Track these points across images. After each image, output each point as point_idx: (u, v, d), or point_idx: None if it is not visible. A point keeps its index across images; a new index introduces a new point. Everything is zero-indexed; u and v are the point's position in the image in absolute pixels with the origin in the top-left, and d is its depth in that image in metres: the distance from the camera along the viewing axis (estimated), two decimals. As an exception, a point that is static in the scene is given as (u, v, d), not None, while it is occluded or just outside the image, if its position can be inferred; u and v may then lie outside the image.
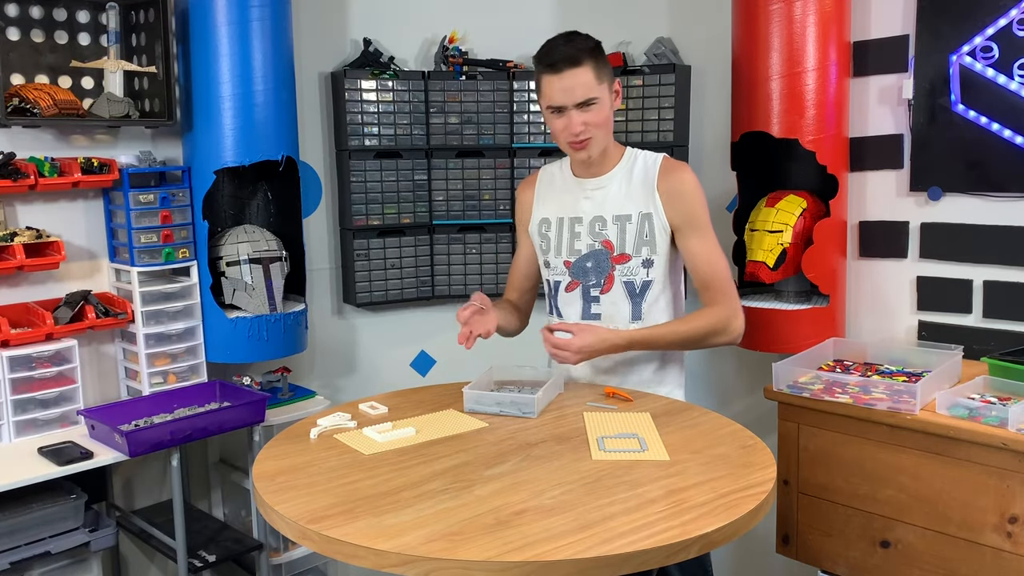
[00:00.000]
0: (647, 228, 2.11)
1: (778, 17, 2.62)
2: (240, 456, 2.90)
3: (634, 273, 2.13)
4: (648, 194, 2.11)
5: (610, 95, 2.07)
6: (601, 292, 2.16)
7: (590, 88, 2.02)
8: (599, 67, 2.03)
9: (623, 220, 2.13)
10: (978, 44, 2.51)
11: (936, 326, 2.68)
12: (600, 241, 2.16)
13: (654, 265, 2.12)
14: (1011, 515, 2.06)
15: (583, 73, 2.01)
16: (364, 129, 3.12)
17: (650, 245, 2.11)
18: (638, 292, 2.14)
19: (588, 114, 2.03)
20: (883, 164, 2.75)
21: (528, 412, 1.96)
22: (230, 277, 2.80)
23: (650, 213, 2.11)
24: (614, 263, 2.14)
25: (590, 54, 2.02)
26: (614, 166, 2.16)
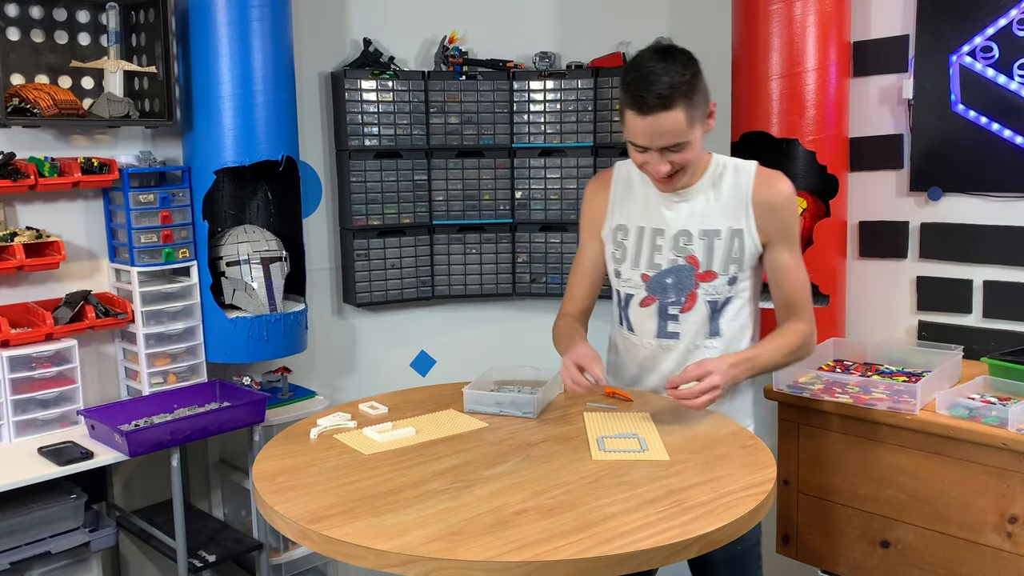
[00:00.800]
0: (737, 245, 1.96)
1: (778, 17, 2.62)
2: (240, 456, 2.90)
3: (718, 292, 1.99)
4: (740, 207, 1.96)
5: (703, 127, 1.89)
6: (681, 311, 2.01)
7: (679, 134, 1.83)
8: (692, 107, 1.82)
9: (711, 236, 1.97)
10: (978, 44, 2.51)
11: (936, 326, 2.68)
12: (685, 256, 1.99)
13: (738, 282, 1.99)
14: (1011, 515, 2.06)
15: (673, 117, 1.81)
16: (364, 129, 3.12)
17: (739, 263, 1.97)
18: (719, 308, 2.00)
19: (676, 155, 1.87)
20: (883, 164, 2.75)
21: (528, 412, 1.96)
22: (230, 277, 2.80)
23: (741, 229, 1.96)
24: (698, 280, 1.99)
25: (684, 94, 1.80)
26: (700, 176, 1.98)
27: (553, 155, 3.28)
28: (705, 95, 1.88)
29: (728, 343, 2.02)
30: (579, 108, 3.22)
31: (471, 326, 3.43)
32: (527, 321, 3.42)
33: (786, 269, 1.99)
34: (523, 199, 3.30)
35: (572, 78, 3.22)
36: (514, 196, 3.30)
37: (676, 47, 1.88)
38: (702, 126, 1.89)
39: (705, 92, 1.88)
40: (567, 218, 3.29)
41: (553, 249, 3.30)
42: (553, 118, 3.26)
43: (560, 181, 3.28)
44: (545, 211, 3.30)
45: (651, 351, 2.08)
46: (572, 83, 3.21)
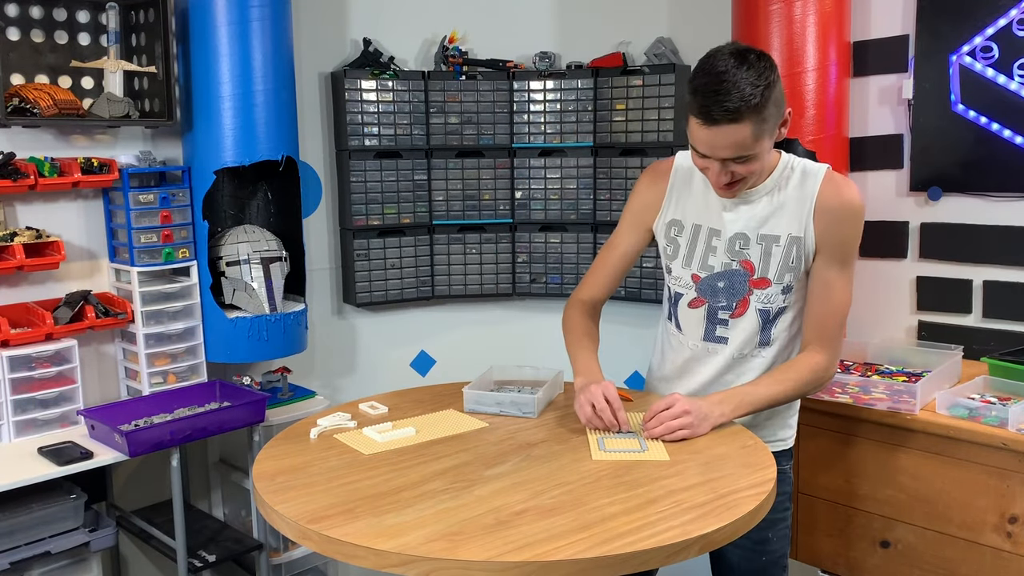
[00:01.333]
0: (795, 254, 1.87)
1: (778, 17, 2.63)
2: (240, 456, 2.90)
3: (771, 300, 1.91)
4: (803, 212, 1.86)
5: (772, 140, 1.77)
6: (731, 316, 1.94)
7: (744, 148, 1.72)
8: (762, 121, 1.70)
9: (769, 241, 1.88)
10: (978, 44, 2.51)
11: (936, 326, 2.68)
12: (739, 261, 1.91)
13: (792, 291, 1.91)
14: (1011, 515, 2.06)
15: (740, 132, 1.69)
16: (364, 129, 3.12)
17: (794, 272, 1.89)
18: (771, 318, 1.93)
19: (739, 166, 1.77)
20: (883, 164, 2.75)
21: (528, 412, 1.96)
22: (230, 277, 2.80)
23: (800, 237, 1.86)
24: (752, 287, 1.91)
25: (755, 108, 1.67)
26: (766, 177, 1.88)
27: (553, 155, 3.28)
28: (779, 106, 1.75)
29: (778, 353, 1.96)
30: (579, 108, 3.22)
31: (471, 326, 3.43)
32: (527, 321, 3.42)
33: (829, 285, 1.87)
34: (523, 199, 3.30)
35: (572, 78, 3.22)
36: (514, 196, 3.30)
37: (755, 50, 1.73)
38: (771, 138, 1.77)
39: (779, 103, 1.75)
40: (567, 218, 3.29)
41: (553, 249, 3.31)
42: (553, 118, 3.26)
43: (560, 181, 3.28)
44: (545, 211, 3.30)
45: (695, 353, 2.01)
46: (572, 83, 3.21)
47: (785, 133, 1.81)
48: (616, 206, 3.24)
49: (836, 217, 1.84)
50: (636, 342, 3.40)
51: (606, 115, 3.21)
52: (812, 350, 1.90)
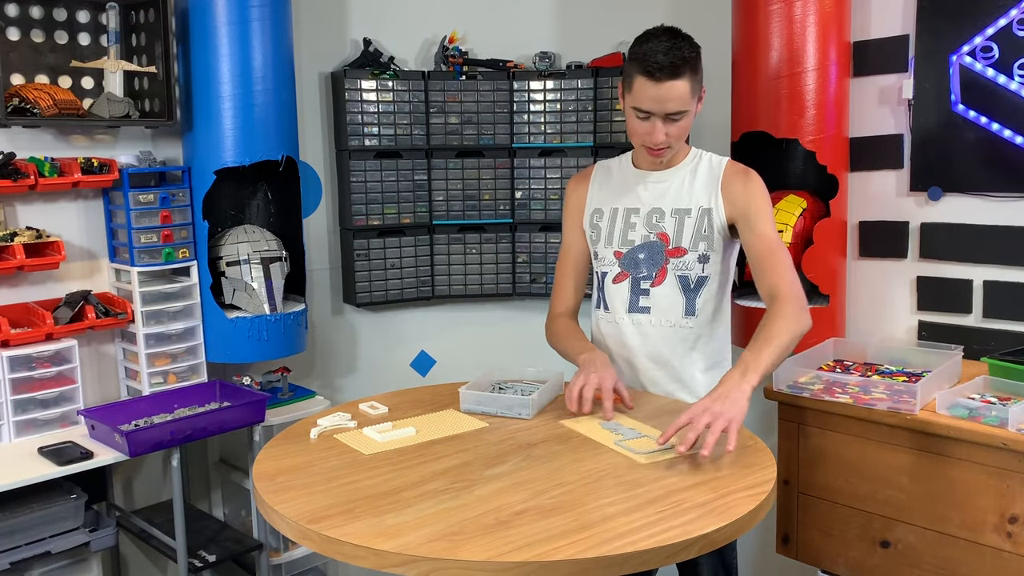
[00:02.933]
0: (706, 224, 2.09)
1: (778, 17, 2.62)
2: (240, 456, 2.90)
3: (689, 268, 2.11)
4: (711, 191, 2.10)
5: (695, 105, 2.05)
6: (652, 285, 2.13)
7: (683, 102, 1.99)
8: (695, 80, 2.01)
9: (682, 214, 2.11)
10: (978, 44, 2.51)
11: (936, 326, 2.68)
12: (656, 233, 2.13)
13: (710, 261, 2.10)
14: (1011, 515, 2.06)
15: (680, 86, 1.98)
16: (364, 129, 3.12)
17: (707, 240, 2.09)
18: (692, 287, 2.11)
19: (673, 126, 2.02)
20: (883, 164, 2.75)
21: (523, 414, 1.96)
22: (230, 277, 2.80)
23: (710, 209, 2.09)
24: (668, 256, 2.12)
25: (691, 66, 1.99)
26: (680, 161, 2.15)
27: (553, 155, 3.27)
28: (702, 77, 2.04)
29: (703, 324, 2.13)
30: (579, 108, 3.22)
31: (471, 326, 3.43)
32: (527, 321, 3.42)
33: (759, 239, 2.04)
34: (523, 199, 3.30)
35: (572, 78, 3.22)
36: (514, 196, 3.30)
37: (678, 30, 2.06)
38: (695, 104, 2.05)
39: (701, 75, 2.04)
40: (567, 218, 3.29)
41: (553, 249, 3.30)
42: (553, 118, 3.26)
43: (560, 181, 3.27)
44: (545, 211, 3.30)
45: (622, 326, 2.17)
46: (572, 83, 3.21)
47: (700, 109, 2.08)
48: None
49: (739, 184, 2.08)
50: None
51: (606, 115, 3.21)
52: (777, 302, 1.99)
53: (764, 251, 2.05)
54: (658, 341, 2.14)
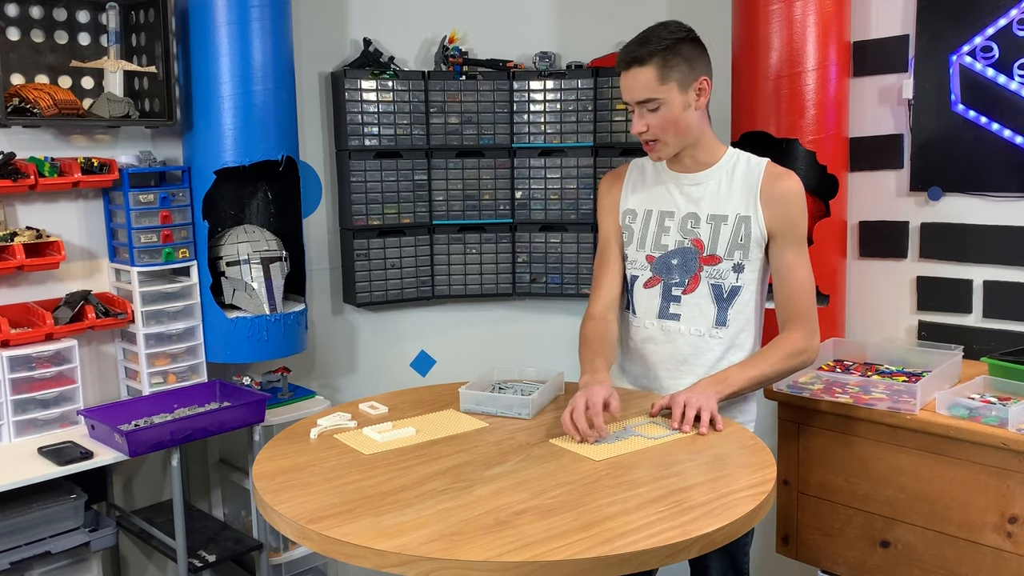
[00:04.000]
0: (743, 232, 2.01)
1: (778, 17, 2.62)
2: (240, 456, 2.90)
3: (723, 276, 2.03)
4: (750, 197, 2.01)
5: (683, 95, 1.95)
6: (684, 292, 2.06)
7: (649, 89, 1.94)
8: (667, 67, 1.93)
9: (718, 220, 2.03)
10: (978, 44, 2.51)
11: (936, 326, 2.68)
12: (691, 239, 2.06)
13: (745, 271, 2.03)
14: (1011, 515, 2.06)
15: (644, 73, 1.94)
16: (364, 129, 3.12)
17: (743, 249, 2.02)
18: (725, 297, 2.04)
19: (650, 116, 1.97)
20: (883, 164, 2.75)
21: (523, 413, 1.96)
22: (230, 277, 2.80)
23: (748, 217, 2.01)
24: (702, 263, 2.04)
25: (658, 53, 1.92)
26: (714, 164, 2.06)
27: (553, 155, 3.28)
28: (691, 65, 1.95)
29: (734, 336, 2.06)
30: (579, 108, 3.22)
31: (471, 326, 3.43)
32: (527, 321, 3.42)
33: (789, 267, 2.01)
34: (523, 199, 3.30)
35: (572, 78, 3.22)
36: (514, 196, 3.30)
37: (676, 22, 2.00)
38: (683, 94, 1.96)
39: (692, 63, 1.96)
40: (567, 218, 3.29)
41: (553, 249, 3.30)
42: (553, 118, 3.26)
43: (560, 181, 3.28)
44: (545, 211, 3.30)
45: (650, 332, 2.11)
46: (572, 83, 3.21)
47: (703, 103, 1.99)
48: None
49: (779, 201, 2.00)
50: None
51: (606, 115, 3.21)
52: (788, 329, 2.03)
53: (793, 277, 2.01)
54: (686, 349, 2.07)
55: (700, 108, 2.00)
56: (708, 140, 2.05)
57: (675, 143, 2.01)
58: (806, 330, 2.01)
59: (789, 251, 2.01)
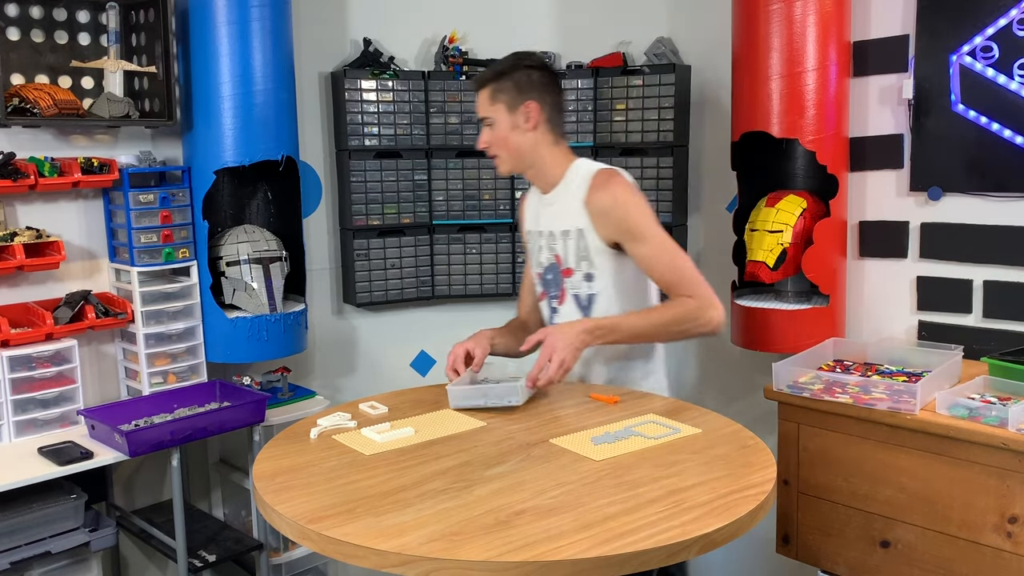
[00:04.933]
0: (583, 244, 2.13)
1: (778, 17, 2.62)
2: (240, 456, 2.90)
3: (578, 287, 2.17)
4: (580, 210, 2.12)
5: (510, 116, 2.11)
6: (559, 304, 2.23)
7: (482, 108, 2.14)
8: (498, 90, 2.11)
9: (566, 235, 2.16)
10: (978, 44, 2.51)
11: (936, 326, 2.68)
12: (554, 255, 2.21)
13: (595, 279, 2.14)
14: (1011, 515, 2.06)
15: (481, 94, 2.14)
16: (364, 129, 3.12)
17: (588, 260, 2.13)
18: (586, 305, 2.17)
19: (487, 132, 2.15)
20: (883, 164, 2.75)
21: (513, 401, 1.97)
22: (230, 277, 2.80)
23: (583, 229, 2.12)
24: (563, 276, 2.20)
25: (491, 80, 2.12)
26: (559, 181, 2.18)
27: (553, 155, 3.27)
28: (520, 90, 2.10)
29: None
30: (579, 108, 3.22)
31: (471, 326, 3.40)
32: (527, 321, 3.42)
33: (646, 260, 2.09)
34: (523, 199, 3.30)
35: (572, 78, 3.22)
36: (514, 196, 3.30)
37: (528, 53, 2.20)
38: (510, 115, 2.11)
39: (521, 88, 2.10)
40: (567, 218, 3.29)
41: (553, 249, 3.30)
42: (553, 118, 3.25)
43: (560, 181, 3.27)
44: (545, 211, 3.29)
45: None
46: (572, 83, 3.21)
47: (531, 126, 2.11)
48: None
49: (601, 212, 2.09)
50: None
51: (606, 115, 3.21)
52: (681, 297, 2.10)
53: (656, 265, 2.08)
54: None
55: (531, 130, 2.12)
56: (550, 161, 2.16)
57: (508, 159, 2.16)
58: (698, 295, 2.05)
59: (638, 248, 2.08)
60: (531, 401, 2.04)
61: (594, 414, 1.95)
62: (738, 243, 2.88)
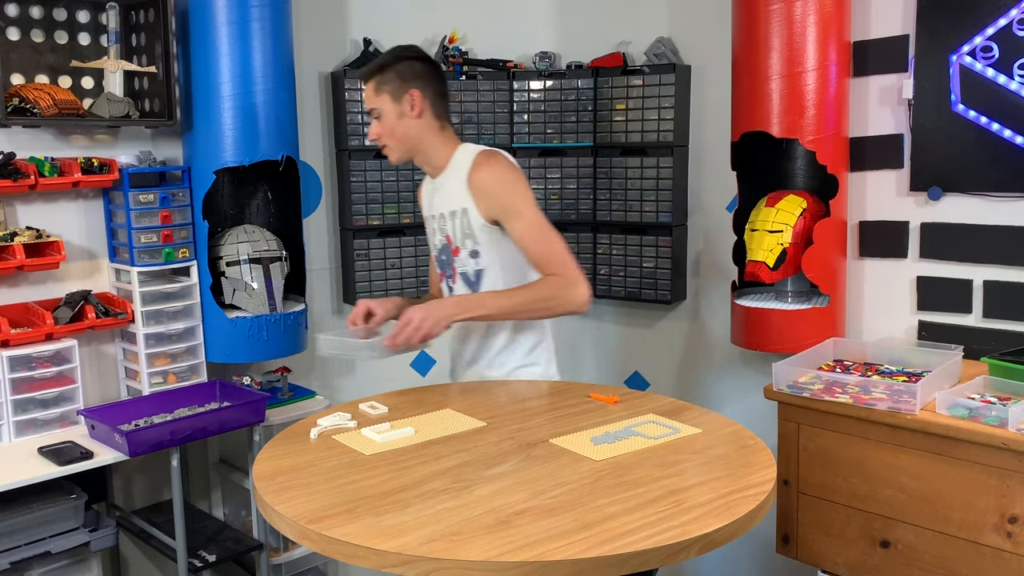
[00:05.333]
0: (467, 222, 2.20)
1: (778, 17, 2.62)
2: (240, 456, 2.90)
3: (465, 265, 2.25)
4: (464, 191, 2.19)
5: (395, 105, 2.17)
6: (452, 283, 2.31)
7: (369, 100, 2.21)
8: (382, 82, 2.17)
9: (453, 216, 2.24)
10: (978, 44, 2.51)
11: (936, 326, 2.68)
12: (444, 236, 2.29)
13: (481, 255, 2.22)
14: (1011, 515, 2.06)
15: (367, 88, 2.21)
16: (364, 129, 3.12)
17: (472, 237, 2.21)
18: (474, 281, 2.25)
19: (375, 123, 2.21)
20: (883, 164, 2.75)
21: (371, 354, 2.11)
22: (230, 277, 2.80)
23: (467, 208, 2.19)
24: (452, 256, 2.28)
25: (376, 72, 2.18)
26: (446, 165, 2.25)
27: (553, 155, 3.28)
28: (403, 80, 2.17)
29: None
30: (579, 108, 3.22)
31: (471, 326, 3.42)
32: (527, 321, 3.41)
33: (519, 237, 2.15)
34: (523, 199, 3.30)
35: (572, 78, 3.22)
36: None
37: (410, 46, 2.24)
38: (396, 104, 2.18)
39: (404, 77, 2.17)
40: (567, 218, 3.29)
41: (553, 249, 3.30)
42: (553, 118, 3.26)
43: (560, 181, 3.28)
44: (545, 211, 3.27)
45: None
46: (572, 83, 3.21)
47: (416, 113, 2.17)
48: (616, 206, 3.24)
49: (482, 190, 2.16)
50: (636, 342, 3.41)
51: (606, 115, 3.21)
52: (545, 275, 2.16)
53: (530, 242, 2.14)
54: (460, 332, 2.32)
55: (416, 118, 2.19)
56: (436, 146, 2.24)
57: (397, 148, 2.22)
58: (564, 273, 2.12)
59: (513, 224, 2.15)
60: (531, 401, 2.05)
61: (594, 414, 1.95)
62: (738, 243, 2.88)
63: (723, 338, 3.04)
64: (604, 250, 3.28)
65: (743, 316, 2.79)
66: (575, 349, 3.48)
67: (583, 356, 3.52)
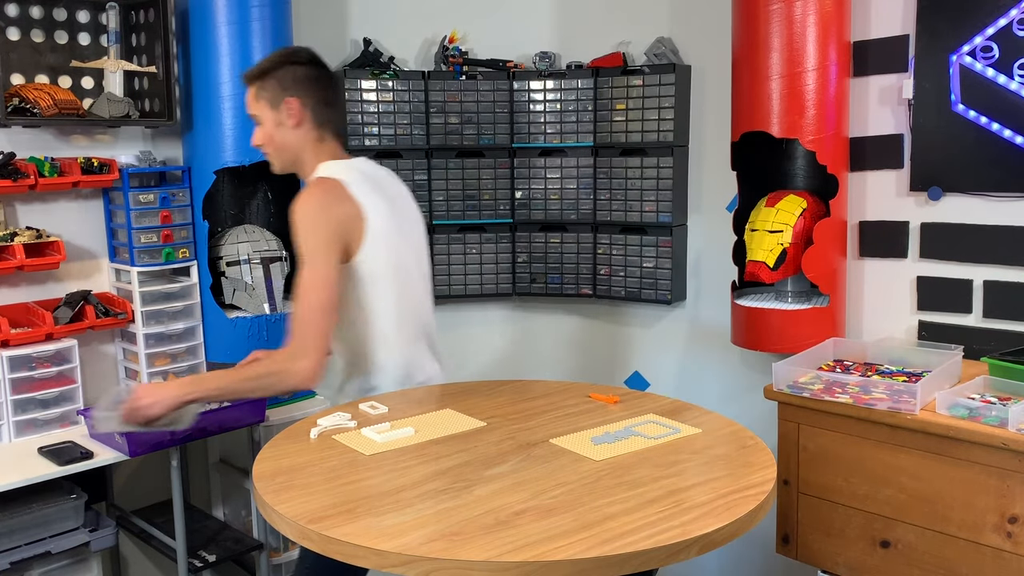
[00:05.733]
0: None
1: (778, 17, 2.62)
2: (240, 456, 2.90)
3: None
4: None
5: (273, 114, 2.09)
6: None
7: (249, 106, 2.14)
8: (261, 88, 2.09)
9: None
10: (978, 44, 2.51)
11: (936, 326, 2.68)
12: None
13: None
14: (1011, 515, 2.06)
15: (248, 93, 2.13)
16: (364, 129, 3.12)
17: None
18: None
19: (257, 130, 2.14)
20: (883, 164, 2.75)
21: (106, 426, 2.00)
22: (230, 277, 2.80)
23: None
24: None
25: (258, 78, 2.10)
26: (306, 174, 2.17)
27: (553, 155, 3.28)
28: (283, 87, 2.08)
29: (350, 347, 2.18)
30: (579, 108, 3.22)
31: (471, 326, 3.43)
32: (527, 321, 3.42)
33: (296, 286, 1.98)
34: (523, 199, 3.31)
35: (572, 78, 3.22)
36: (514, 196, 3.30)
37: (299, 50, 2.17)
38: (274, 111, 2.09)
39: (284, 85, 2.08)
40: (567, 218, 3.29)
41: (553, 249, 3.31)
42: (553, 118, 3.26)
43: (560, 181, 3.28)
44: (545, 211, 3.30)
45: None
46: (572, 83, 3.21)
47: (293, 123, 2.09)
48: (616, 206, 3.24)
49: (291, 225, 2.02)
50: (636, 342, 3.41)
51: (606, 115, 3.21)
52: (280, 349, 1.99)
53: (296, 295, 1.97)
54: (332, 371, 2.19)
55: (294, 128, 2.10)
56: (311, 160, 2.13)
57: (276, 156, 2.15)
58: (290, 349, 1.93)
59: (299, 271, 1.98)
60: (531, 401, 2.04)
61: (594, 414, 1.95)
62: (738, 243, 2.88)
63: (723, 338, 3.04)
64: (604, 250, 3.28)
65: (743, 316, 2.79)
66: (575, 349, 3.48)
67: (583, 356, 3.52)
